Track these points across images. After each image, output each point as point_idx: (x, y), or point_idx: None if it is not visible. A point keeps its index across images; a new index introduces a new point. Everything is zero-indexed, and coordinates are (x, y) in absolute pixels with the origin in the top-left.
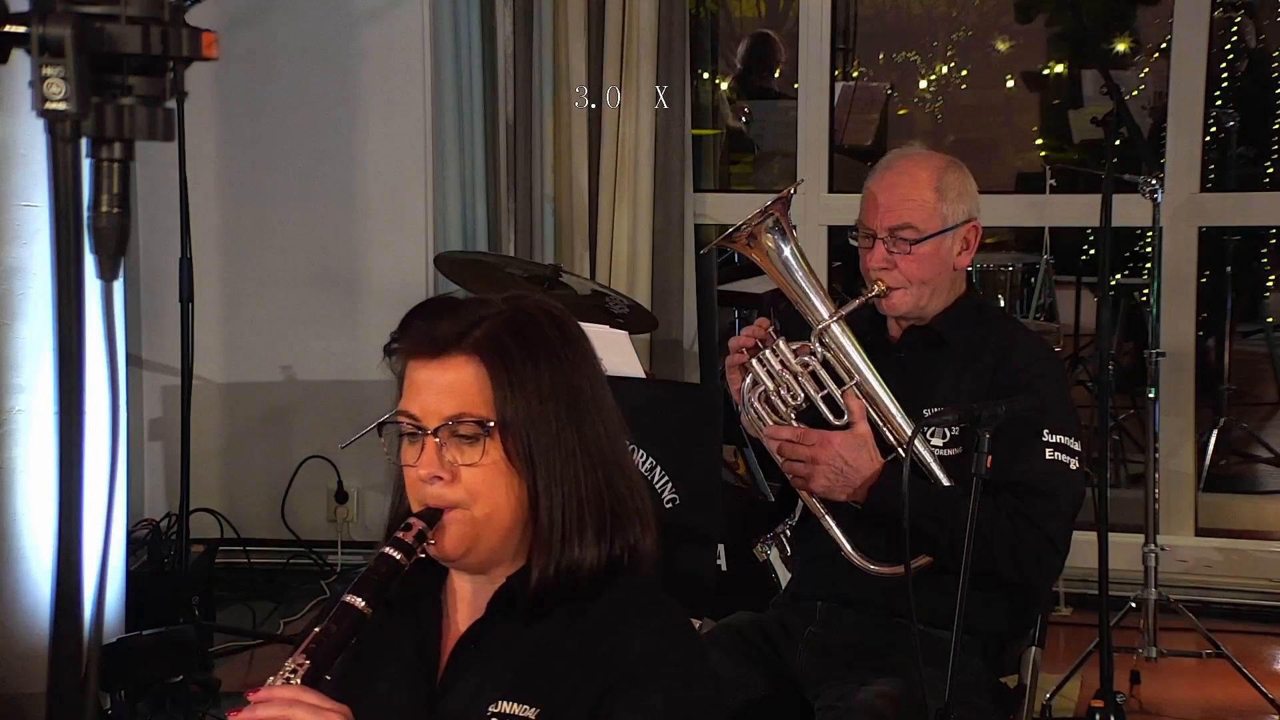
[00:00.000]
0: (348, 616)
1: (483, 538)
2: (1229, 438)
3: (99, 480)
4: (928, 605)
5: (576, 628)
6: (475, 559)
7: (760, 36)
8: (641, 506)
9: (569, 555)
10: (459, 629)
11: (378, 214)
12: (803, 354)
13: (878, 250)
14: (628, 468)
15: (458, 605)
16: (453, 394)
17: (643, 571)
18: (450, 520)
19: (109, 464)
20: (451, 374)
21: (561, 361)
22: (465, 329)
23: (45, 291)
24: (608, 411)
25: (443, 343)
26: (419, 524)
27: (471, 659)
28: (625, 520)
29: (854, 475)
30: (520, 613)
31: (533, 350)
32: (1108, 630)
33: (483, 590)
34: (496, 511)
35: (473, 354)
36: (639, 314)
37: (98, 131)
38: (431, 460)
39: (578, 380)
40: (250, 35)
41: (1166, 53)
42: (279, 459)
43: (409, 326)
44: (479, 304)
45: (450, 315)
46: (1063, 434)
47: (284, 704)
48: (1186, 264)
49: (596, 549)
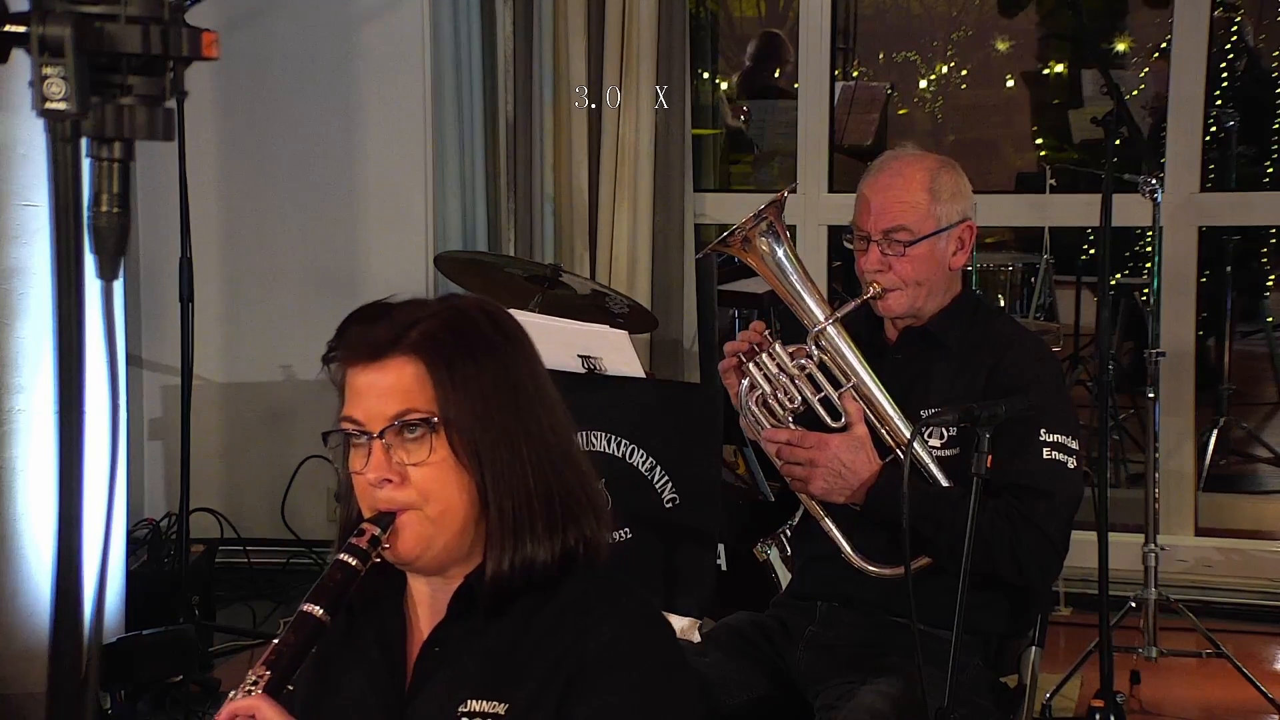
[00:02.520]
0: (306, 625)
1: (437, 537)
2: (1229, 438)
3: (99, 480)
4: (928, 605)
5: (538, 621)
6: (431, 560)
7: (770, 36)
8: (593, 496)
9: (522, 550)
10: (422, 633)
11: (378, 214)
12: (799, 357)
13: (872, 252)
14: (576, 459)
15: (419, 609)
16: (395, 395)
17: (600, 561)
18: (404, 523)
19: (109, 464)
20: (392, 376)
21: (501, 356)
22: (402, 331)
23: (45, 291)
24: (551, 404)
25: (380, 346)
26: (372, 529)
27: (438, 661)
28: (577, 511)
29: (852, 477)
30: (481, 611)
31: (471, 347)
32: (1108, 630)
33: (441, 592)
34: (449, 510)
35: (411, 354)
36: (639, 314)
37: (98, 131)
38: (380, 464)
39: (518, 374)
40: (250, 35)
41: (1166, 53)
42: (279, 459)
43: (345, 333)
44: (415, 305)
45: (386, 319)
46: (1061, 433)
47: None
48: (1186, 264)
49: (549, 542)
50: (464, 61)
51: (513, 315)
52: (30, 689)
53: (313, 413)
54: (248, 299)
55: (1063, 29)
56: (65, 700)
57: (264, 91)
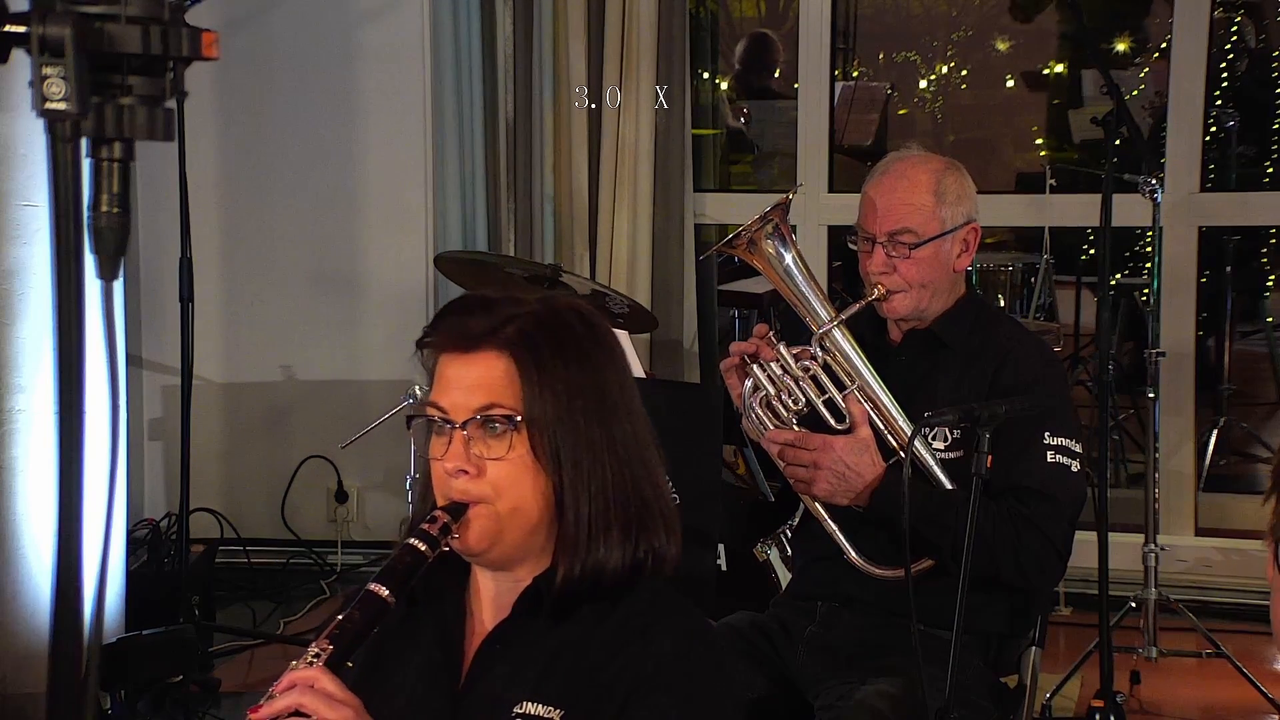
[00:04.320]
0: (371, 604)
1: (506, 533)
2: (1229, 438)
3: (99, 480)
4: (928, 605)
5: (602, 629)
6: (498, 555)
7: (758, 37)
8: (666, 510)
9: (594, 555)
10: (484, 628)
11: (378, 214)
12: (803, 358)
13: (877, 254)
14: (654, 471)
15: (482, 604)
16: (481, 388)
17: (665, 574)
18: (475, 515)
19: (109, 464)
20: (481, 368)
21: (591, 361)
22: (497, 325)
23: (45, 291)
24: (636, 414)
25: (474, 338)
26: (444, 517)
27: (496, 659)
28: (650, 522)
29: (856, 479)
30: (546, 613)
31: (563, 349)
32: (1108, 630)
33: (507, 590)
34: (521, 507)
35: (503, 350)
36: (639, 314)
37: (98, 131)
38: (458, 454)
39: (606, 380)
40: (250, 35)
41: (1166, 53)
42: (279, 459)
43: (442, 321)
44: (512, 302)
45: (483, 312)
46: (1064, 436)
47: (302, 688)
48: (1186, 264)
49: (621, 550)
50: (464, 61)
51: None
52: (30, 689)
53: (313, 413)
54: (248, 299)
55: (1063, 28)
56: (65, 700)
57: (264, 91)
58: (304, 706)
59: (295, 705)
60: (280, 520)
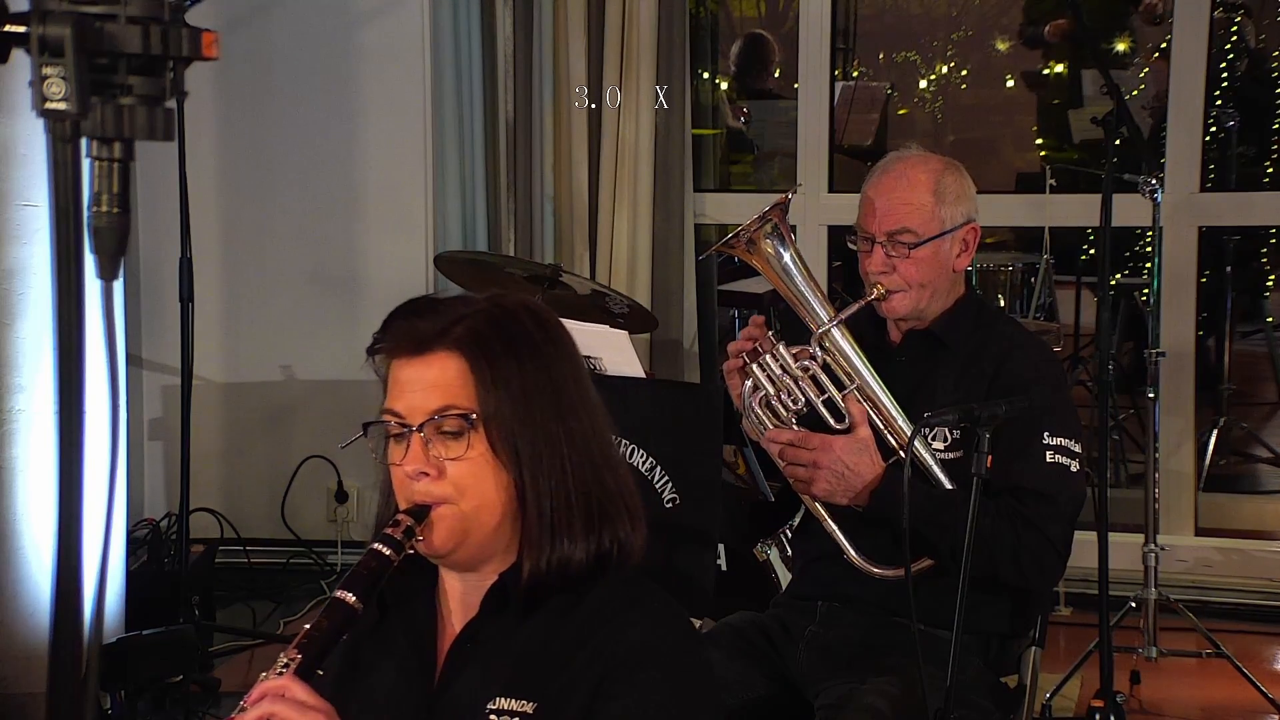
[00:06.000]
0: (338, 611)
1: (471, 533)
2: (1229, 438)
3: (99, 480)
4: (928, 605)
5: (570, 621)
6: (464, 554)
7: (754, 37)
8: (629, 500)
9: (559, 549)
10: (454, 628)
11: (378, 214)
12: (803, 358)
13: (876, 254)
14: (614, 461)
15: (451, 605)
16: (436, 389)
17: (631, 563)
18: (438, 516)
19: (109, 464)
20: (435, 370)
21: (544, 356)
22: (447, 325)
23: (45, 291)
24: (592, 406)
25: (425, 340)
26: (407, 520)
27: (468, 658)
28: (613, 513)
29: (855, 479)
30: (514, 609)
31: (514, 345)
32: (1108, 630)
33: (474, 588)
34: (484, 506)
35: (455, 349)
36: (639, 314)
37: (98, 131)
38: (417, 456)
39: (561, 375)
40: (250, 35)
41: (1166, 53)
42: (279, 459)
43: (391, 326)
44: (460, 301)
45: (432, 313)
46: (1063, 436)
47: (273, 697)
48: (1186, 264)
49: (585, 542)
50: (464, 61)
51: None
52: (30, 689)
53: (313, 413)
54: (248, 299)
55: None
56: (65, 700)
57: (264, 91)
58: (276, 715)
59: (267, 715)
60: (280, 520)
